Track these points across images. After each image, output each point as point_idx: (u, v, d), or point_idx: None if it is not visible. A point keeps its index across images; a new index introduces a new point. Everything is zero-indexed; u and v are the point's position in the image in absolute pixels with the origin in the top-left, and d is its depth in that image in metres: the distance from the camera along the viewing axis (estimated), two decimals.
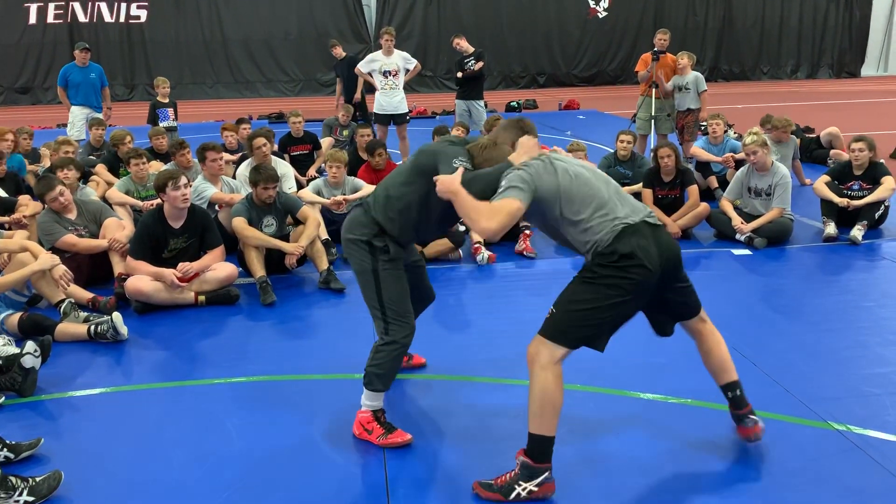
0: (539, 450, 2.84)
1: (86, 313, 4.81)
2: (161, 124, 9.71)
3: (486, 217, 2.77)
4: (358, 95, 11.19)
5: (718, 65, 24.66)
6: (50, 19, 20.72)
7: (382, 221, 3.26)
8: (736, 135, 9.16)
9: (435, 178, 2.98)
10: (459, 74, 10.00)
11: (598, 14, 23.73)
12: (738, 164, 7.36)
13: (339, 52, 11.60)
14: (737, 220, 6.30)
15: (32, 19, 20.60)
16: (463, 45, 9.98)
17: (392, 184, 3.30)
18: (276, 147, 8.22)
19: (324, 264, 5.48)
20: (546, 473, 2.84)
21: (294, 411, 3.65)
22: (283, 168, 7.09)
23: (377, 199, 3.30)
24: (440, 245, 6.02)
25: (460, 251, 6.11)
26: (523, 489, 2.82)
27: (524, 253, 6.11)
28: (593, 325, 2.84)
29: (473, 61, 9.91)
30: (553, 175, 2.91)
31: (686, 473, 3.07)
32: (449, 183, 2.91)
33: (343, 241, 3.42)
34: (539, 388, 2.82)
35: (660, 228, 2.92)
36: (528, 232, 6.23)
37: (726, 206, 6.51)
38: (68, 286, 4.66)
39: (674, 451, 3.22)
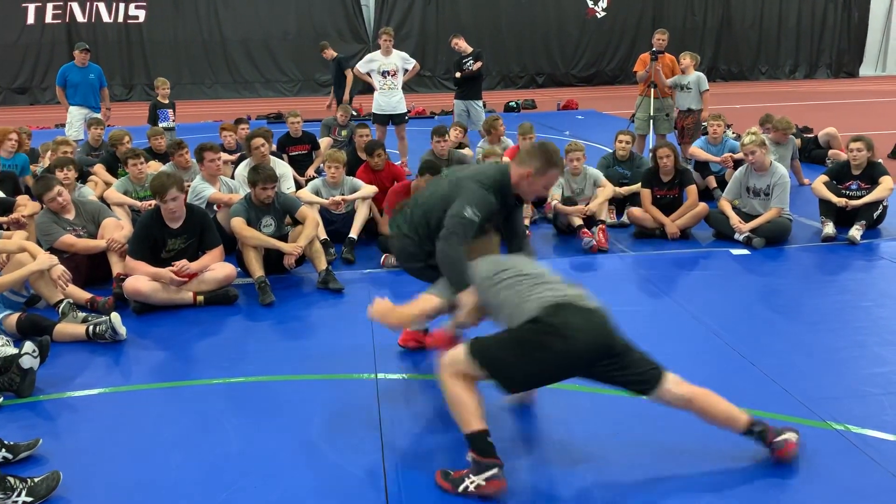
0: (478, 445, 2.91)
1: (84, 313, 4.81)
2: (161, 125, 9.72)
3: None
4: (346, 97, 11.13)
5: (717, 65, 24.66)
6: (48, 19, 20.70)
7: (429, 247, 3.49)
8: (734, 135, 9.16)
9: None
10: (458, 74, 10.00)
11: (597, 14, 23.73)
12: (737, 164, 7.36)
13: (330, 53, 11.55)
14: (735, 220, 6.30)
15: (31, 19, 20.58)
16: (461, 45, 9.98)
17: (428, 217, 3.49)
18: (274, 147, 8.23)
19: (322, 264, 5.47)
20: (495, 470, 2.88)
21: (292, 412, 3.65)
22: (282, 168, 7.09)
23: (419, 229, 3.54)
24: None
25: None
26: (472, 483, 2.89)
27: None
28: (509, 364, 2.92)
29: (472, 61, 9.91)
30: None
31: (683, 473, 3.07)
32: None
33: (406, 270, 3.76)
34: (449, 396, 2.98)
35: (592, 311, 2.98)
36: (527, 232, 6.23)
37: (725, 205, 6.51)
38: (67, 286, 4.66)
39: (671, 451, 3.22)
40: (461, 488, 2.90)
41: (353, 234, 6.25)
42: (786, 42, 25.09)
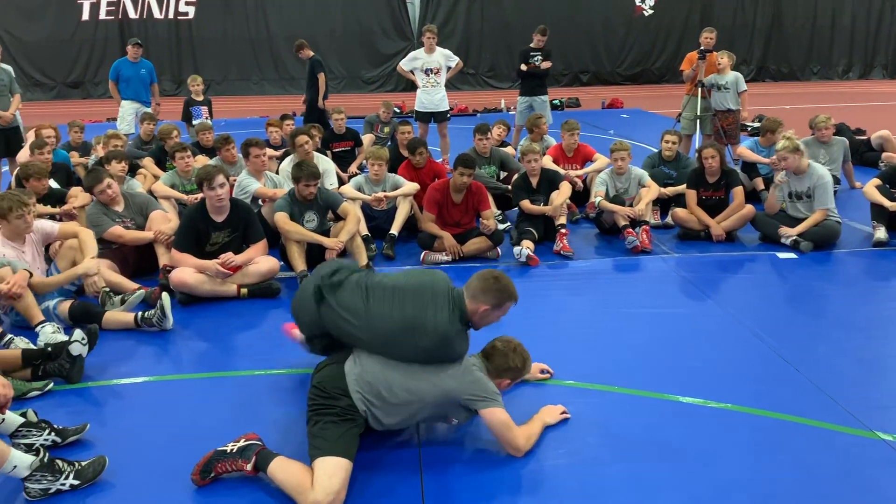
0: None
1: (120, 296, 4.96)
2: (194, 122, 9.82)
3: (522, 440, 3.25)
4: (320, 101, 10.99)
5: (766, 64, 24.21)
6: (102, 15, 21.24)
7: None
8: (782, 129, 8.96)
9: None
10: (523, 67, 9.98)
11: (644, 12, 23.45)
12: None
13: (306, 53, 11.42)
14: (785, 230, 6.16)
15: (85, 15, 21.14)
16: (542, 42, 9.97)
17: (390, 349, 3.25)
18: (318, 143, 8.31)
19: (363, 260, 5.52)
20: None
21: None
22: (325, 164, 7.16)
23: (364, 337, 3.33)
24: (479, 243, 6.02)
25: (498, 249, 6.10)
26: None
27: (561, 252, 6.08)
28: None
29: (541, 58, 9.90)
30: None
31: (722, 479, 3.02)
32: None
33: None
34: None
35: None
36: (564, 231, 6.19)
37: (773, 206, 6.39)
38: (95, 293, 4.84)
39: (710, 456, 3.18)
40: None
41: (394, 230, 6.29)
42: (839, 41, 24.48)
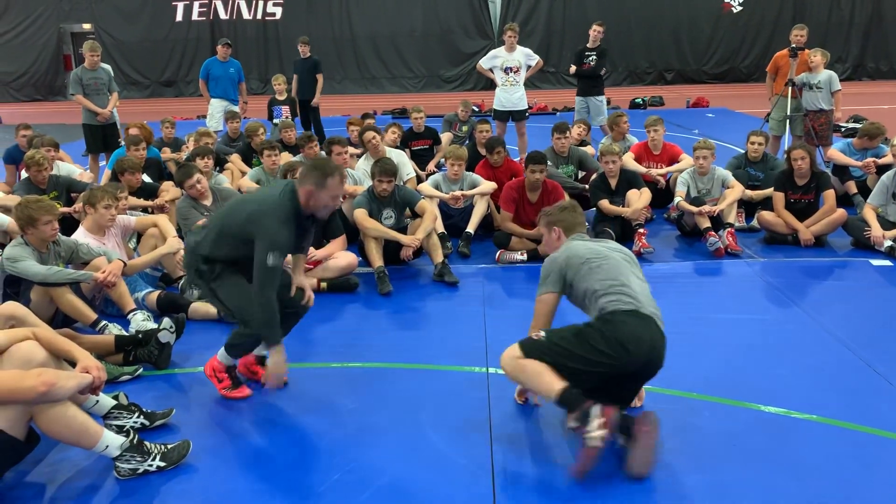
0: (570, 400, 3.00)
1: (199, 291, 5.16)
2: (275, 121, 10.06)
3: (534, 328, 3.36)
4: (317, 100, 10.87)
5: (864, 62, 23.02)
6: (194, 16, 22.12)
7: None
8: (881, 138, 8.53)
9: None
10: (573, 69, 9.88)
11: (733, 8, 22.71)
12: (881, 169, 6.87)
13: (304, 51, 11.40)
14: (876, 232, 5.87)
15: (179, 17, 22.06)
16: (597, 34, 9.84)
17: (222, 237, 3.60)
18: (397, 141, 8.42)
19: (439, 257, 5.56)
20: (595, 408, 2.94)
21: (403, 399, 3.73)
22: (399, 157, 7.23)
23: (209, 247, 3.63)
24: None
25: None
26: (592, 433, 2.91)
27: (641, 251, 5.96)
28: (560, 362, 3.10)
29: (595, 57, 9.75)
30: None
31: (810, 491, 2.90)
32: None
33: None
34: (525, 374, 3.15)
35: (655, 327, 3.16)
36: (642, 231, 6.07)
37: (869, 213, 6.07)
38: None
39: (797, 468, 3.06)
40: (591, 444, 2.92)
41: (470, 228, 6.31)
42: None
